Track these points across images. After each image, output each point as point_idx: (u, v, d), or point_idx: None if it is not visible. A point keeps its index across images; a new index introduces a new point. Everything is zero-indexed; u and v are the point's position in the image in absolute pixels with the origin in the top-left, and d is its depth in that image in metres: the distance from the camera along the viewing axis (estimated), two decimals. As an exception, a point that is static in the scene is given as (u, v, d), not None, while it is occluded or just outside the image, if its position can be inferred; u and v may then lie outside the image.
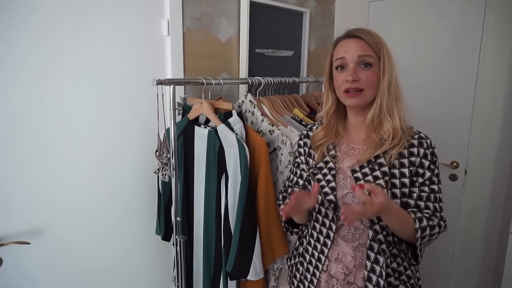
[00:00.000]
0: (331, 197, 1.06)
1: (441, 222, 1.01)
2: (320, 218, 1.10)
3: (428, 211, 1.00)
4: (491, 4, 1.82)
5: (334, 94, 1.08)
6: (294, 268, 1.23)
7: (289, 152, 1.36)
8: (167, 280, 1.64)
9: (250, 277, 1.27)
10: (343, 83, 1.01)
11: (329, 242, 1.07)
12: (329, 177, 1.07)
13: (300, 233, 1.23)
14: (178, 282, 1.41)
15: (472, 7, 1.88)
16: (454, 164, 2.01)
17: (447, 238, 2.08)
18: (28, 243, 1.20)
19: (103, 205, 1.42)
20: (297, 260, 1.21)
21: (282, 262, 1.42)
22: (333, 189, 1.06)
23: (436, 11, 1.99)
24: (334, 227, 1.06)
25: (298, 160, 1.21)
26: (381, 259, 1.00)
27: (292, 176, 1.24)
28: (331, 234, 1.07)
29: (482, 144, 1.94)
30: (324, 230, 1.09)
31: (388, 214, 0.92)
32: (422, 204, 1.00)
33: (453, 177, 2.03)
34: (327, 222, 1.08)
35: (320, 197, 1.08)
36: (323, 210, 1.08)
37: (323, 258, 1.09)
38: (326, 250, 1.08)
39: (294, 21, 2.02)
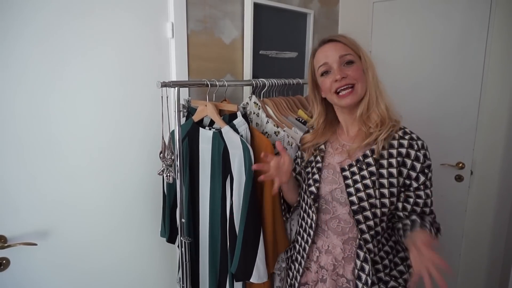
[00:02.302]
0: (312, 188, 1.11)
1: (436, 220, 1.04)
2: (307, 209, 1.16)
3: (424, 215, 1.03)
4: (496, 4, 1.81)
5: (321, 105, 1.15)
6: (290, 260, 1.29)
7: (296, 153, 1.36)
8: (172, 281, 1.65)
9: (253, 279, 1.27)
10: (332, 84, 1.04)
11: (312, 232, 1.13)
12: (314, 169, 1.13)
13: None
14: (183, 283, 1.41)
15: (477, 7, 1.87)
16: (460, 164, 2.00)
17: (454, 239, 2.06)
18: (35, 244, 1.21)
19: (108, 207, 1.43)
20: (292, 252, 1.27)
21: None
22: (316, 181, 1.11)
23: (441, 11, 1.98)
24: (315, 217, 1.11)
25: (297, 153, 1.29)
26: (368, 258, 1.03)
27: None
28: (313, 224, 1.12)
29: (488, 144, 1.93)
30: (309, 221, 1.15)
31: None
32: (418, 210, 1.03)
33: (459, 178, 2.02)
34: (310, 212, 1.14)
35: (306, 188, 1.15)
36: (309, 200, 1.14)
37: (307, 247, 1.15)
38: (310, 240, 1.14)
39: (298, 22, 2.02)
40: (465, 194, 2.01)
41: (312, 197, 1.11)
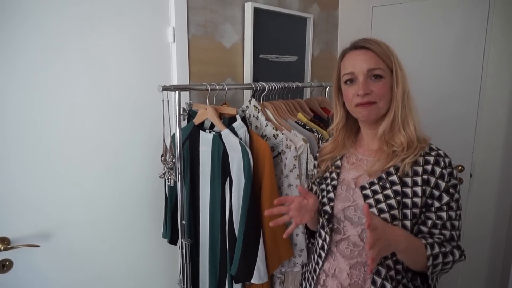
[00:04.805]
0: (327, 207, 1.02)
1: (454, 250, 0.91)
2: (318, 228, 1.07)
3: (441, 237, 0.92)
4: (494, 8, 1.83)
5: (343, 109, 1.05)
6: (303, 277, 1.21)
7: (294, 156, 1.37)
8: (173, 283, 1.66)
9: (254, 280, 1.28)
10: (354, 97, 0.96)
11: (323, 254, 1.04)
12: (329, 187, 1.04)
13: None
14: (184, 285, 1.42)
15: (476, 11, 1.89)
16: (460, 167, 2.01)
17: (453, 242, 2.07)
18: (38, 246, 1.23)
19: (111, 209, 1.45)
20: (305, 269, 1.21)
21: (289, 265, 1.42)
22: (330, 199, 1.02)
23: (439, 15, 2.00)
24: (328, 238, 1.02)
25: (312, 172, 1.22)
26: (388, 286, 0.93)
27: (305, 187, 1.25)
28: (325, 246, 1.03)
29: (487, 147, 1.94)
30: (320, 241, 1.05)
31: (394, 244, 0.83)
32: (436, 232, 0.92)
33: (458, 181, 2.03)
34: (323, 233, 1.04)
35: (320, 207, 1.05)
36: (321, 220, 1.05)
37: (318, 269, 1.06)
38: (320, 262, 1.05)
39: (298, 26, 2.04)
40: (465, 197, 2.02)
41: (326, 217, 1.01)
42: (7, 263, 1.20)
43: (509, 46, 1.82)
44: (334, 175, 1.05)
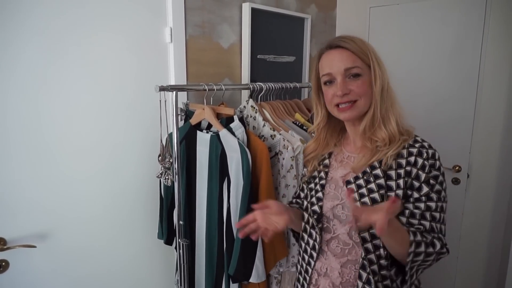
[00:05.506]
0: (315, 207, 1.02)
1: (435, 240, 0.90)
2: (308, 228, 1.07)
3: (421, 227, 0.91)
4: (491, 9, 1.84)
5: (324, 108, 1.04)
6: (296, 277, 1.21)
7: (291, 157, 1.37)
8: (170, 283, 1.66)
9: (252, 279, 1.28)
10: (334, 97, 0.95)
11: (314, 254, 1.04)
12: (318, 186, 1.04)
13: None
14: (180, 285, 1.42)
15: (473, 12, 1.89)
16: (457, 168, 2.01)
17: (451, 242, 2.05)
18: (34, 247, 1.23)
19: (107, 209, 1.45)
20: (298, 270, 1.20)
21: (287, 265, 1.43)
22: (319, 199, 1.03)
23: (437, 16, 2.01)
24: (318, 238, 1.02)
25: (303, 171, 1.21)
26: (372, 280, 0.93)
27: (297, 187, 1.26)
28: (316, 246, 1.03)
29: (484, 147, 1.94)
30: (311, 242, 1.05)
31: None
32: (415, 222, 0.91)
33: (455, 181, 2.03)
34: (313, 233, 1.04)
35: (309, 207, 1.06)
36: (310, 220, 1.05)
37: (310, 270, 1.05)
38: (312, 262, 1.05)
39: (295, 27, 2.04)
40: (462, 197, 2.02)
41: (315, 217, 1.02)
42: (3, 263, 1.20)
43: (506, 47, 1.83)
44: (322, 174, 1.05)
